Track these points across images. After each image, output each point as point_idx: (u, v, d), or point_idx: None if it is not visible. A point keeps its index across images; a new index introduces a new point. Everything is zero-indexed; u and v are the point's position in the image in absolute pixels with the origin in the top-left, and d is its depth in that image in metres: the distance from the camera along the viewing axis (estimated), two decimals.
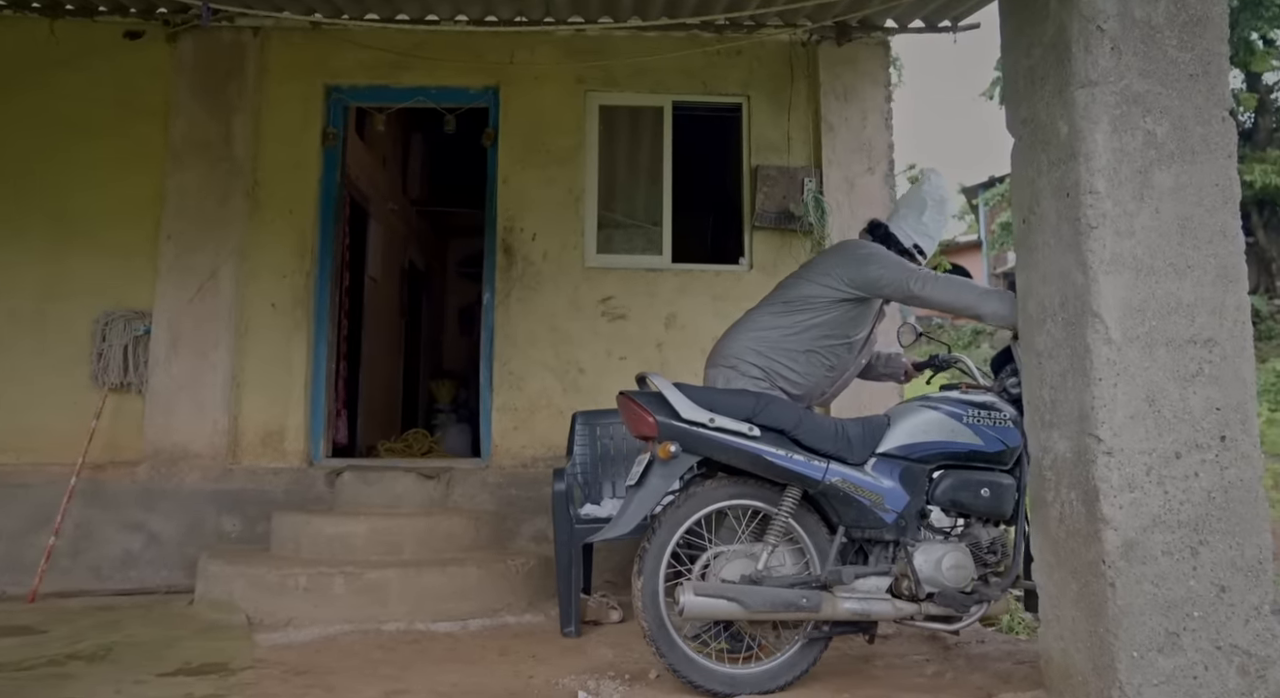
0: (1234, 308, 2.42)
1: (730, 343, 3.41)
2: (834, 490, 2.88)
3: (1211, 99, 2.48)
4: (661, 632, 2.80)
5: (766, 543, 2.84)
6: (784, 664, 2.86)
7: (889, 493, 2.91)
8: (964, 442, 2.96)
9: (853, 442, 2.96)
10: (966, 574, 2.87)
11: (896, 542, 2.91)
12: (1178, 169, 2.45)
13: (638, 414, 2.88)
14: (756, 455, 2.83)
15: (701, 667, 2.81)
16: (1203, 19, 2.50)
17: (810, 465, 2.87)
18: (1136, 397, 2.36)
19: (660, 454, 2.82)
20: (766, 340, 3.31)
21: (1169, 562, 2.31)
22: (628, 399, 2.95)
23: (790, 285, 3.46)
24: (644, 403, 2.88)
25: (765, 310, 3.42)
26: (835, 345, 3.35)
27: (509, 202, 4.97)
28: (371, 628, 3.68)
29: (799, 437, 2.91)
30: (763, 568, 2.81)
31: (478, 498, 4.68)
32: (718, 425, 2.84)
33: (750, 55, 5.12)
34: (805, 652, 2.88)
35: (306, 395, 4.82)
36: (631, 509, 2.85)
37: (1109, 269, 2.40)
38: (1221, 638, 2.29)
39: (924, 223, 3.45)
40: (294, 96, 4.93)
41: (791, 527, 2.89)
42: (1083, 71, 2.47)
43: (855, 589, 2.85)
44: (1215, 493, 2.35)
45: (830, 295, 3.30)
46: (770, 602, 2.77)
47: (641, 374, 3.07)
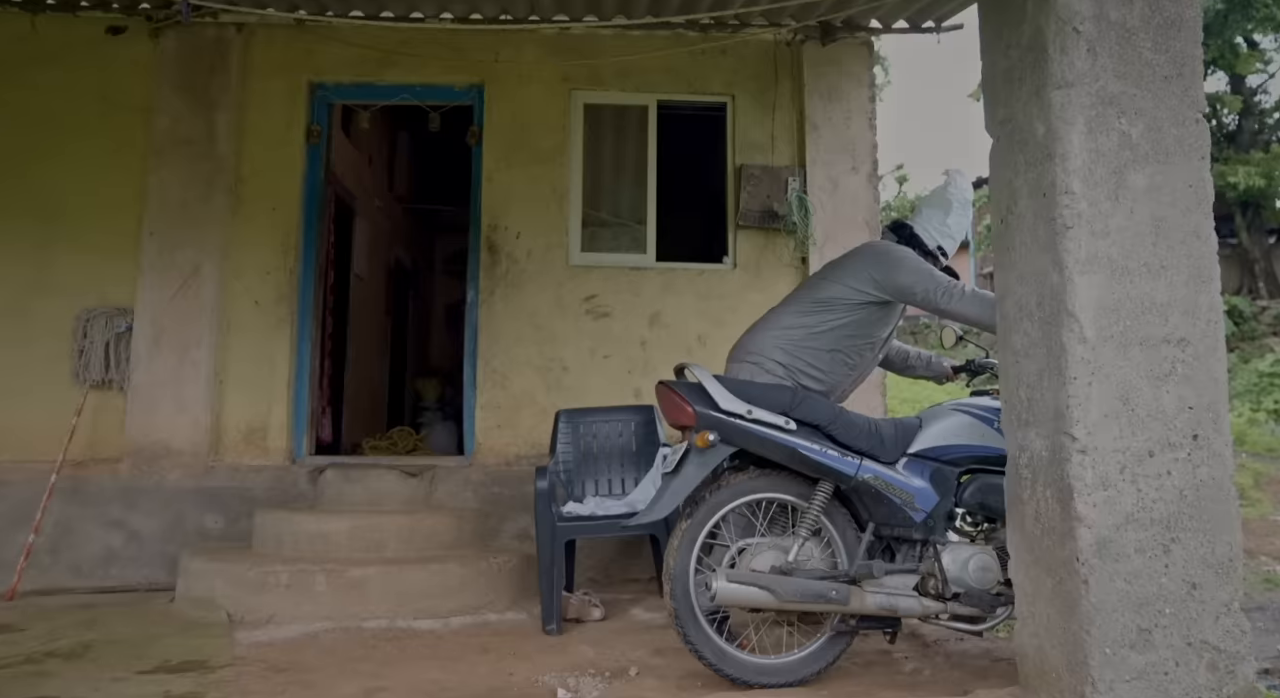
0: (1206, 308, 2.44)
1: (754, 339, 3.43)
2: (866, 487, 2.92)
3: (1185, 101, 2.51)
4: (692, 619, 2.82)
5: (797, 536, 2.88)
6: (810, 656, 2.89)
7: (919, 493, 2.95)
8: (993, 446, 2.98)
9: (885, 440, 3.00)
10: (993, 577, 2.91)
11: (924, 541, 2.95)
12: (1152, 170, 2.48)
13: (677, 404, 2.92)
14: (792, 449, 2.87)
15: (731, 656, 2.84)
16: (1177, 21, 2.52)
17: (844, 461, 2.91)
18: (1110, 396, 2.39)
19: (698, 443, 2.85)
20: (790, 339, 3.33)
21: (1142, 559, 2.34)
22: (667, 388, 2.99)
23: (816, 285, 3.48)
24: (684, 393, 2.92)
25: (790, 309, 3.45)
26: (859, 345, 3.38)
27: (493, 200, 4.97)
28: (353, 626, 3.67)
29: (833, 432, 2.96)
30: (792, 560, 2.85)
31: (461, 496, 4.68)
32: (755, 417, 2.88)
33: (735, 55, 5.13)
34: (831, 645, 2.92)
35: (289, 393, 4.80)
36: (667, 497, 2.88)
37: (1084, 269, 2.42)
38: (1192, 634, 2.31)
39: (948, 224, 3.46)
40: (278, 93, 4.91)
41: (821, 522, 2.92)
42: (1059, 73, 2.49)
43: (883, 585, 2.89)
44: (1187, 491, 2.37)
45: (857, 297, 3.32)
46: (801, 592, 2.81)
47: (681, 365, 3.10)
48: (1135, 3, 2.51)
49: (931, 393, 8.36)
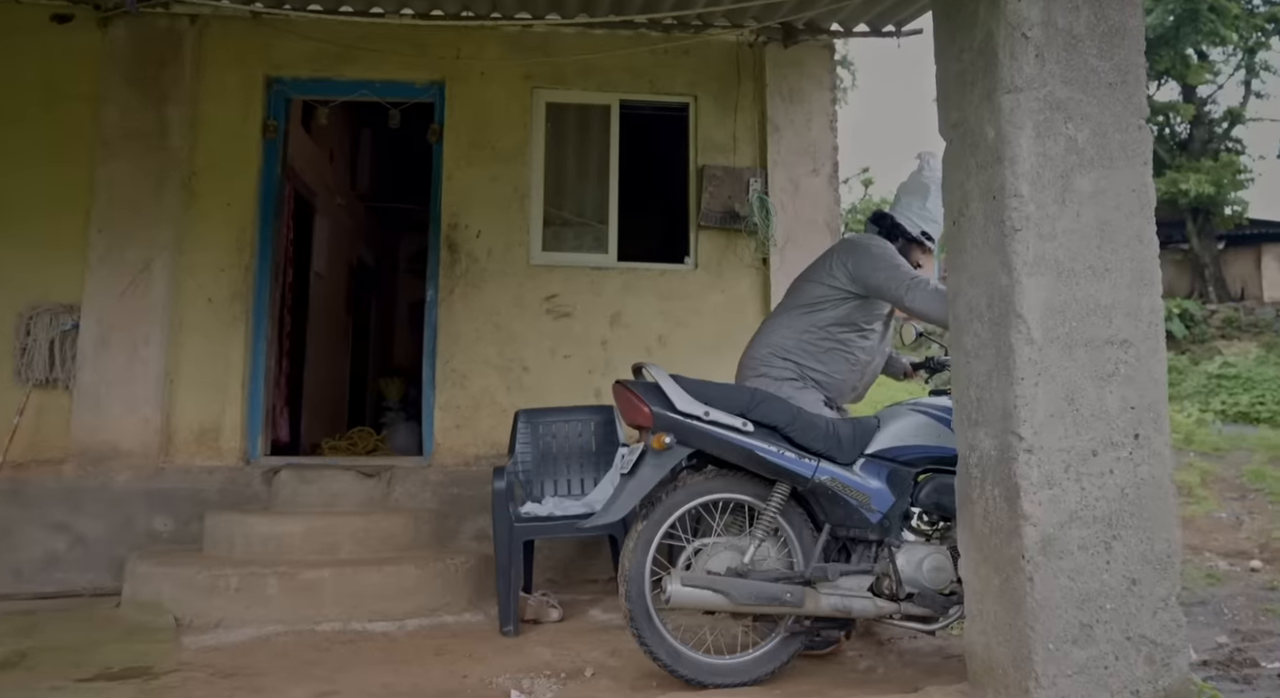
0: (1149, 310, 2.50)
1: (755, 352, 3.46)
2: (823, 489, 2.93)
3: (1129, 107, 2.56)
4: (646, 621, 2.82)
5: (753, 537, 2.88)
6: (765, 656, 2.90)
7: (875, 494, 2.96)
8: (950, 447, 2.98)
9: (843, 442, 3.01)
10: (947, 577, 2.93)
11: (880, 542, 2.96)
12: (1097, 174, 2.52)
13: (633, 404, 2.91)
14: (749, 450, 2.87)
15: (686, 657, 2.84)
16: (1121, 29, 2.57)
17: (801, 463, 2.92)
18: (1056, 396, 2.43)
19: (654, 445, 2.84)
20: (784, 347, 3.37)
21: (1085, 556, 2.38)
22: (624, 388, 2.98)
23: (800, 289, 3.52)
24: (640, 393, 2.91)
25: (781, 317, 3.48)
26: (852, 337, 3.40)
27: (453, 198, 4.93)
28: (305, 629, 3.61)
29: (791, 434, 2.96)
30: (748, 562, 2.85)
31: (419, 497, 4.63)
32: (712, 419, 2.87)
33: (697, 55, 5.14)
34: (786, 645, 2.93)
35: (244, 392, 4.71)
36: (623, 498, 2.87)
37: (1032, 271, 2.46)
38: (1131, 629, 2.36)
39: (928, 208, 3.48)
40: (233, 87, 4.82)
41: (778, 522, 2.93)
42: (1008, 77, 2.53)
43: (838, 586, 2.90)
44: (1129, 489, 2.42)
45: (836, 294, 3.36)
46: (755, 595, 2.81)
47: (639, 364, 3.09)
48: (1082, 10, 2.56)
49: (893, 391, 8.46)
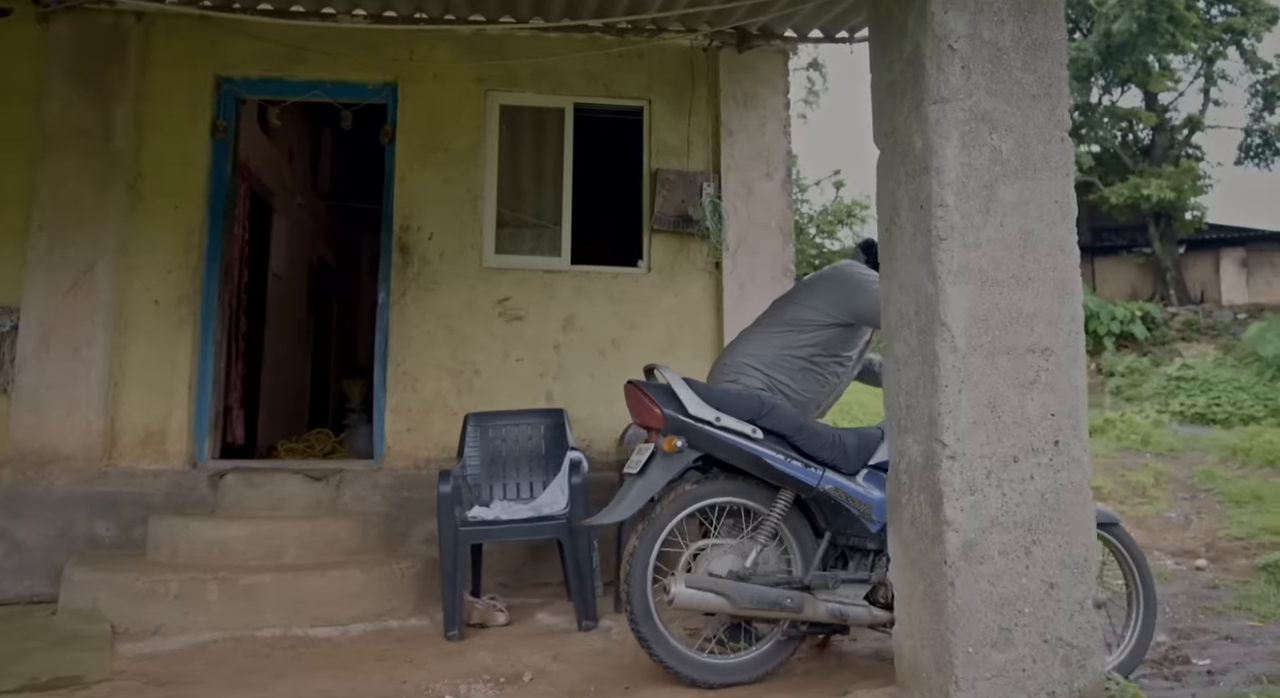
0: (1069, 319, 2.55)
1: (732, 358, 3.52)
2: (826, 498, 2.99)
3: (1052, 119, 2.61)
4: (647, 620, 2.88)
5: (756, 542, 2.95)
6: (762, 657, 2.97)
7: (877, 504, 3.01)
8: None
9: (848, 451, 3.08)
10: None
11: (878, 551, 3.02)
12: (1021, 185, 2.57)
13: (645, 405, 2.98)
14: (758, 457, 2.94)
15: (684, 655, 2.90)
16: (1044, 43, 2.62)
17: (807, 472, 2.98)
18: (979, 403, 2.47)
19: (665, 447, 2.91)
20: (763, 358, 3.44)
21: (1005, 561, 2.42)
22: (636, 389, 3.04)
23: (786, 306, 3.61)
24: (652, 395, 2.98)
25: (762, 329, 3.55)
26: (829, 363, 3.51)
27: (405, 200, 4.90)
28: (246, 635, 3.58)
29: (798, 443, 3.02)
30: (750, 566, 2.91)
31: (369, 500, 4.60)
32: (723, 424, 2.95)
33: (652, 59, 5.16)
34: (782, 647, 2.99)
35: (191, 394, 4.66)
36: (631, 497, 2.92)
37: (956, 280, 2.50)
38: (1049, 632, 2.41)
39: None
40: (181, 86, 4.76)
41: (780, 528, 2.99)
42: (935, 88, 2.57)
43: (836, 594, 2.97)
44: (1048, 495, 2.47)
45: (823, 319, 3.47)
46: (756, 599, 2.88)
47: (650, 366, 3.15)
48: (1007, 24, 2.61)
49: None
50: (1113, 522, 3.38)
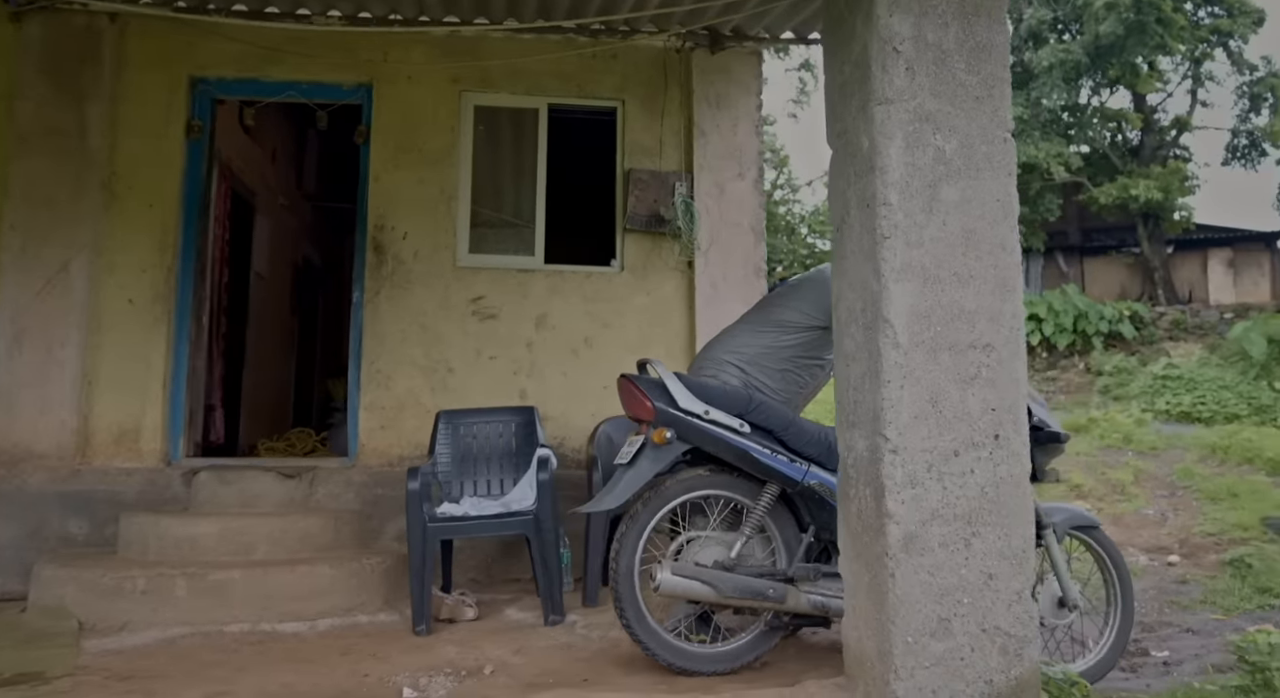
0: (1010, 315, 2.59)
1: (713, 353, 3.59)
2: (811, 493, 3.07)
3: (995, 120, 2.66)
4: (634, 608, 2.94)
5: (741, 534, 3.02)
6: (745, 646, 3.04)
7: None
8: None
9: (833, 448, 3.11)
10: None
11: None
12: (964, 184, 2.62)
13: (637, 398, 3.07)
14: (744, 451, 3.01)
15: (669, 643, 2.97)
16: (988, 46, 2.67)
17: (793, 467, 3.06)
18: (921, 398, 2.52)
19: (655, 439, 2.99)
20: (745, 356, 3.50)
21: (945, 553, 2.47)
22: (629, 382, 3.13)
23: (771, 307, 3.68)
24: (644, 388, 3.06)
25: (746, 327, 3.62)
26: (809, 365, 3.58)
27: (380, 200, 4.94)
28: (214, 630, 3.61)
29: (785, 438, 3.10)
30: (734, 557, 2.98)
31: (342, 497, 4.64)
32: (711, 418, 3.02)
33: (626, 60, 5.20)
34: (765, 637, 3.06)
35: (165, 393, 4.69)
36: (620, 487, 3.00)
37: (899, 277, 2.55)
38: (987, 621, 2.46)
39: None
40: (156, 87, 4.80)
41: (765, 521, 3.06)
42: (880, 89, 2.62)
43: (819, 586, 3.03)
44: (988, 488, 2.51)
45: (806, 321, 3.54)
46: (740, 589, 2.95)
47: (643, 360, 3.25)
48: (951, 26, 2.65)
49: None
50: (1093, 524, 3.46)
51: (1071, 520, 3.40)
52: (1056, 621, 3.32)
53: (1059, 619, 3.32)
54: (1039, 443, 3.30)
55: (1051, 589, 3.29)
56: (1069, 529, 3.39)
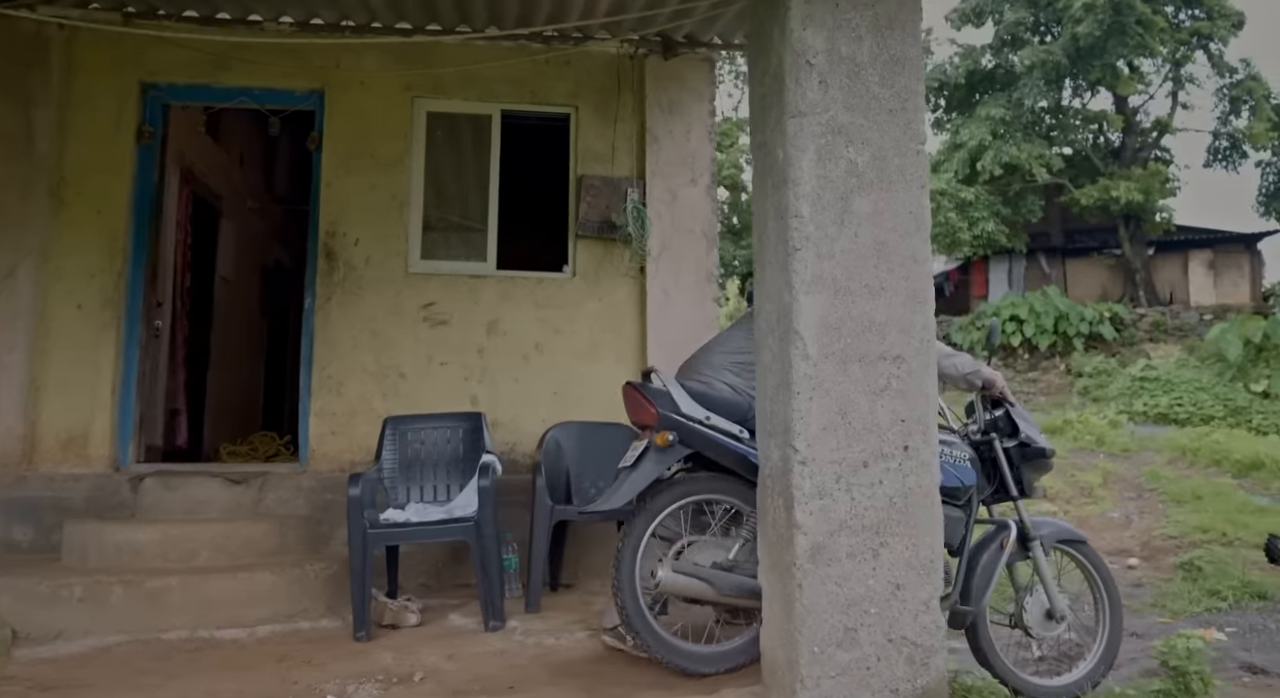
0: (921, 327, 2.62)
1: (705, 360, 3.62)
2: None
3: (908, 133, 2.68)
4: (635, 608, 3.04)
5: (739, 536, 3.11)
6: (740, 647, 3.10)
7: None
8: None
9: None
10: None
11: None
12: (876, 196, 2.64)
13: (641, 404, 3.20)
14: (743, 456, 3.09)
15: (670, 644, 3.06)
16: (901, 59, 2.70)
17: None
18: (830, 409, 2.54)
19: (658, 442, 3.10)
20: (736, 362, 3.52)
21: (852, 563, 2.49)
22: (634, 389, 3.26)
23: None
24: (649, 395, 3.19)
25: (738, 333, 3.63)
26: None
27: (331, 206, 4.94)
28: (151, 637, 3.61)
29: None
30: (732, 558, 3.06)
31: (292, 503, 4.64)
32: (712, 424, 3.14)
33: (579, 67, 5.21)
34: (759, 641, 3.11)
35: (115, 398, 4.68)
36: (624, 488, 3.12)
37: (809, 289, 2.57)
38: (894, 631, 2.48)
39: None
40: (106, 93, 4.79)
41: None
42: (794, 102, 2.64)
43: None
44: (897, 499, 2.54)
45: None
46: (738, 588, 3.02)
47: (648, 369, 3.39)
48: (865, 40, 2.68)
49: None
50: (1080, 540, 3.51)
51: (1058, 534, 3.47)
52: (1044, 633, 3.38)
53: (1047, 631, 3.38)
54: (1026, 459, 3.38)
55: (1039, 601, 3.34)
56: (1056, 543, 3.45)
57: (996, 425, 3.38)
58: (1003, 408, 3.41)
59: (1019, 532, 3.33)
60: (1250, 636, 4.56)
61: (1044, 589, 3.34)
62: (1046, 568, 3.35)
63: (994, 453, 3.34)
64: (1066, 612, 3.37)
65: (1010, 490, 3.33)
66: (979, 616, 3.24)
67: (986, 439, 3.37)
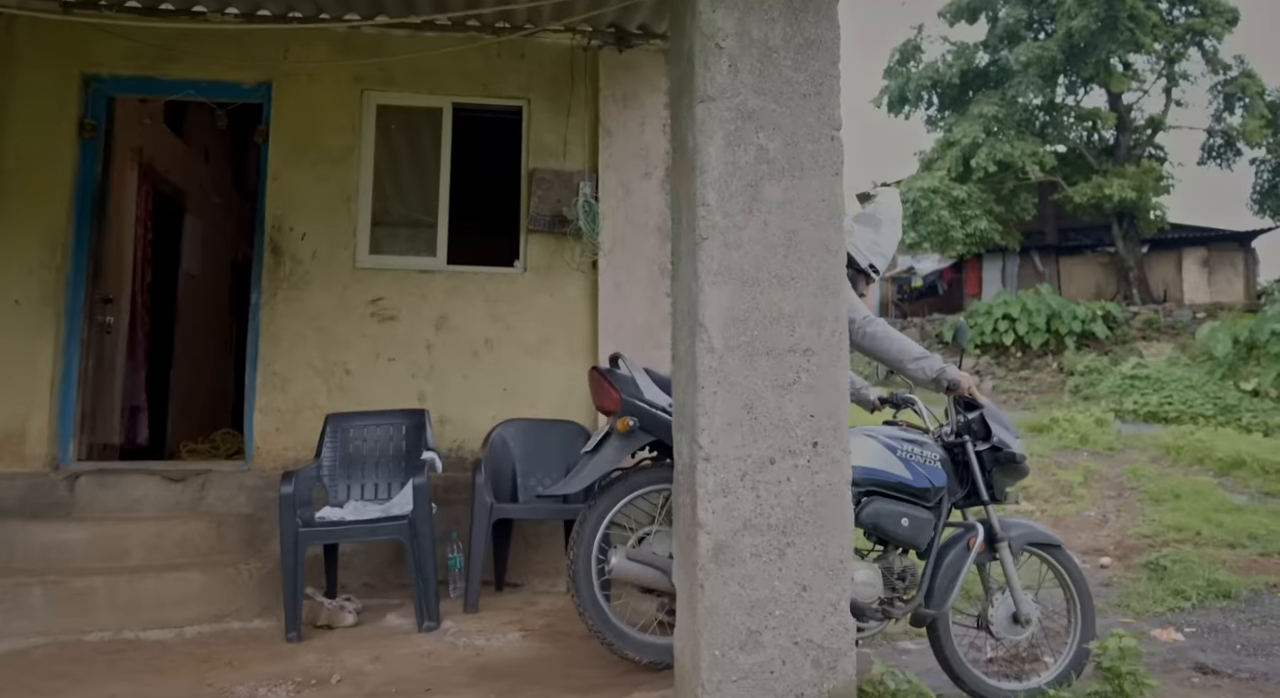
0: (832, 319, 2.53)
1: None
2: None
3: (822, 118, 2.59)
4: (590, 597, 3.02)
5: None
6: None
7: None
8: (894, 473, 3.13)
9: None
10: (874, 592, 3.06)
11: None
12: (787, 184, 2.55)
13: (605, 389, 3.19)
14: None
15: (621, 632, 3.03)
16: (816, 42, 2.61)
17: None
18: (735, 404, 2.45)
19: (619, 427, 3.09)
20: None
21: (757, 564, 2.41)
22: (599, 374, 3.25)
23: None
24: (613, 380, 3.17)
25: None
26: None
27: (278, 200, 4.86)
28: (71, 640, 3.54)
29: None
30: None
31: (234, 501, 4.56)
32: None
33: (532, 59, 5.13)
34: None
35: (54, 396, 4.61)
36: (585, 473, 3.11)
37: (715, 280, 2.48)
38: (799, 634, 2.39)
39: (878, 242, 3.54)
40: (46, 85, 4.71)
41: None
42: (703, 87, 2.55)
43: None
44: (805, 497, 2.45)
45: None
46: None
47: (615, 354, 3.34)
48: (778, 23, 2.59)
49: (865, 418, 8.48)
50: (1055, 543, 3.46)
51: (1030, 537, 3.40)
52: (1009, 636, 3.32)
53: (1012, 635, 3.32)
54: (999, 464, 3.31)
55: (1006, 605, 3.28)
56: (1026, 545, 3.38)
57: (970, 428, 3.31)
58: (977, 411, 3.34)
59: (987, 533, 3.26)
60: (1209, 635, 4.48)
61: (1011, 593, 3.26)
62: (1014, 570, 3.28)
63: (966, 456, 3.27)
64: (1033, 616, 3.31)
65: (981, 494, 3.26)
66: (941, 617, 3.18)
67: (959, 441, 3.30)
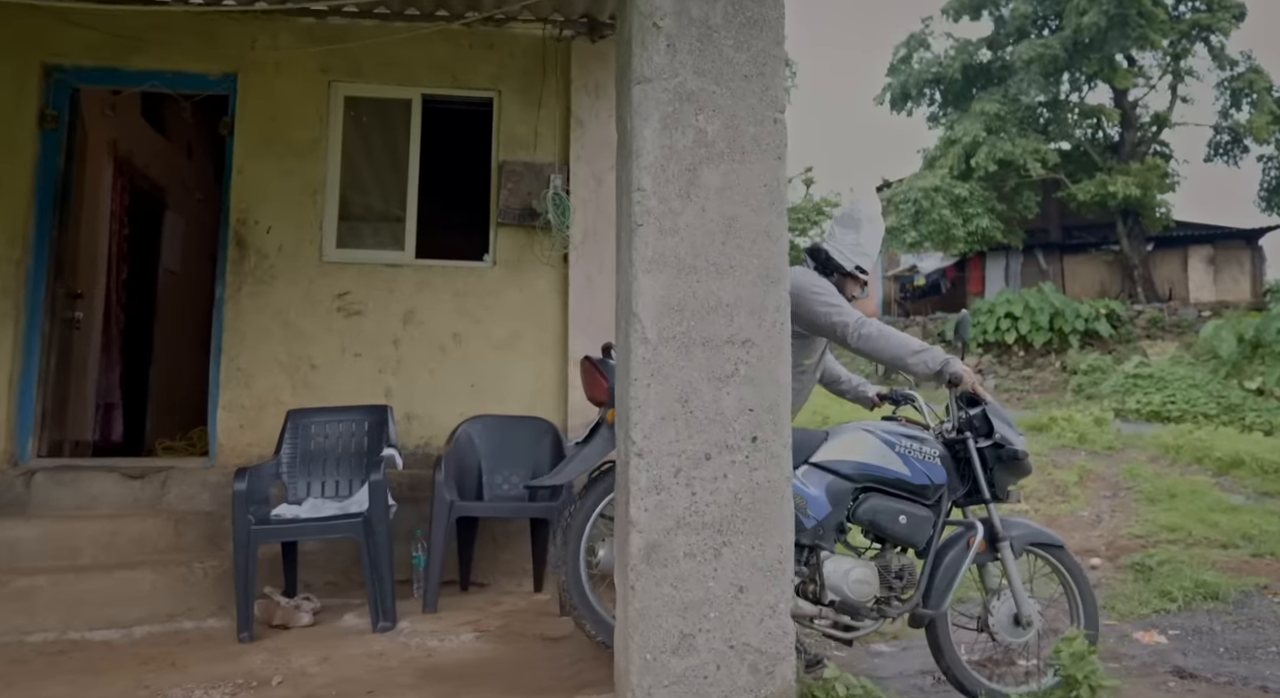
0: (774, 309, 2.43)
1: None
2: None
3: (765, 100, 2.49)
4: (579, 592, 2.98)
5: None
6: None
7: (813, 500, 3.01)
8: (892, 469, 3.07)
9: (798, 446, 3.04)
10: (870, 590, 3.00)
11: (811, 547, 3.00)
12: (726, 168, 2.45)
13: (595, 379, 3.16)
14: None
15: (604, 621, 2.96)
16: (759, 21, 2.50)
17: None
18: (669, 397, 2.35)
19: (609, 418, 3.03)
20: None
21: (690, 564, 2.31)
22: (591, 364, 3.22)
23: None
24: (604, 371, 3.13)
25: None
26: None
27: (243, 193, 4.78)
28: (13, 640, 3.46)
29: None
30: None
31: (196, 499, 4.49)
32: None
33: (503, 49, 5.04)
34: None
35: (12, 392, 4.54)
36: (573, 464, 3.11)
37: (649, 268, 2.39)
38: (735, 637, 2.29)
39: (860, 243, 3.47)
40: (4, 75, 4.64)
41: None
42: (639, 68, 2.45)
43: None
44: (742, 494, 2.35)
45: None
46: None
47: (608, 344, 3.27)
48: (718, 1, 2.49)
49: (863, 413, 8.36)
50: (1057, 544, 3.38)
51: (1031, 537, 3.32)
52: (1011, 638, 3.23)
53: (1013, 637, 3.23)
54: (1001, 461, 3.22)
55: (1007, 606, 3.19)
56: (1028, 546, 3.29)
57: (972, 424, 3.22)
58: (979, 407, 3.24)
59: (988, 532, 3.17)
60: (1192, 638, 4.35)
61: (1012, 594, 3.17)
62: (1015, 571, 3.19)
63: (968, 453, 3.18)
64: (1035, 618, 3.21)
65: (983, 492, 3.17)
66: (940, 617, 3.10)
67: (960, 438, 3.20)
